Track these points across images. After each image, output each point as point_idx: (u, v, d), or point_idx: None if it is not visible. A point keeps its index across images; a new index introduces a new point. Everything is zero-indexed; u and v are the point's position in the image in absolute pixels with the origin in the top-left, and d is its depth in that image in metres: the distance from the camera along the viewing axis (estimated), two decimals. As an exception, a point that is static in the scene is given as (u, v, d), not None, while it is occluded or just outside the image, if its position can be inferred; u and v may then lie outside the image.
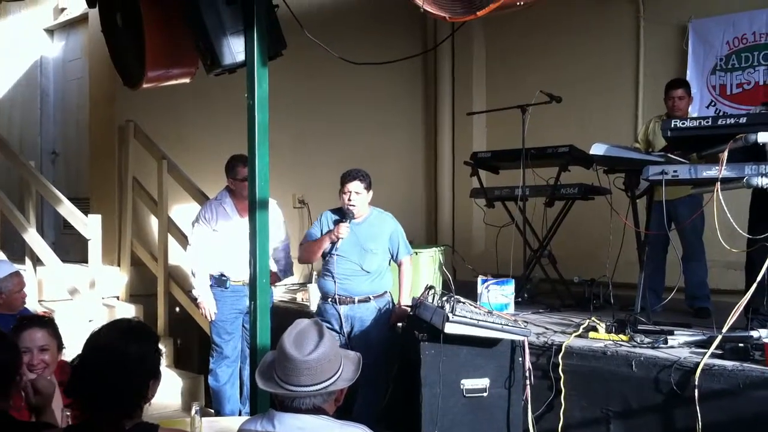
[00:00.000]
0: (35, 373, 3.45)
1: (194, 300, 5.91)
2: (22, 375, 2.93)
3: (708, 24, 7.68)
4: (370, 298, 5.32)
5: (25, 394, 3.10)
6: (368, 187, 5.32)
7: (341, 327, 5.26)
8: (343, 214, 5.31)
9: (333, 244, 5.26)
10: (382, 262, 5.39)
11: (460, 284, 5.64)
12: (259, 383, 2.63)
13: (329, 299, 5.34)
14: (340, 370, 2.61)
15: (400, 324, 5.40)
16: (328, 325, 5.10)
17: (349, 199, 5.25)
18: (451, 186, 9.81)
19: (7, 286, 4.79)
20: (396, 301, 5.48)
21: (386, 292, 5.44)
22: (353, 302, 5.29)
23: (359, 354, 2.77)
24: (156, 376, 2.50)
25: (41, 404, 3.12)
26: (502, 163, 7.16)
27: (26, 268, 6.89)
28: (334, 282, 5.27)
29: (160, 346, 2.63)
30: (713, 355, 4.21)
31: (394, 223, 5.48)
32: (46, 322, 3.75)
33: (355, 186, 5.25)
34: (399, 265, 5.49)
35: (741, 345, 4.23)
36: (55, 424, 3.07)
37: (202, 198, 6.69)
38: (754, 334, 4.40)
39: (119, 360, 2.38)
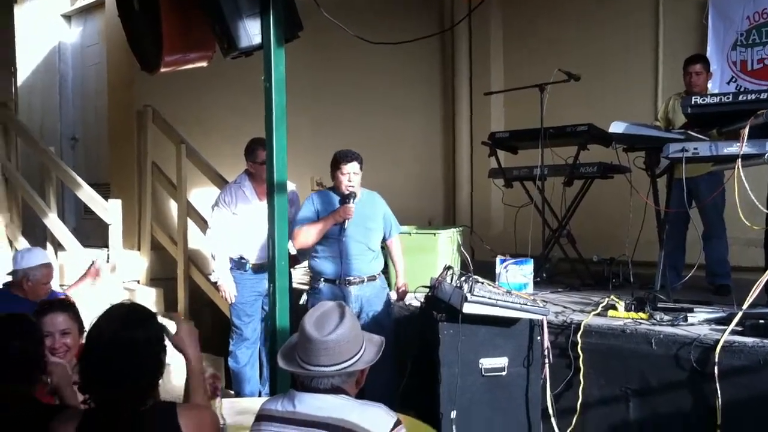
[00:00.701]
0: (57, 357, 3.50)
1: (214, 283, 5.96)
2: (46, 362, 2.98)
3: (728, -1, 7.59)
4: (376, 277, 5.35)
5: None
6: (362, 168, 5.32)
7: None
8: (342, 196, 5.24)
9: (340, 225, 5.19)
10: (379, 241, 5.45)
11: (479, 264, 5.65)
12: (280, 363, 2.65)
13: (336, 281, 5.25)
14: (360, 352, 2.62)
15: (410, 303, 5.45)
16: None
17: (350, 180, 5.22)
18: (470, 166, 9.79)
19: (36, 274, 4.85)
20: (394, 281, 5.56)
21: (382, 270, 5.49)
22: (362, 282, 5.28)
23: (383, 338, 2.78)
24: (165, 349, 2.53)
25: (59, 386, 3.16)
26: (520, 143, 7.13)
27: (48, 253, 6.96)
28: (341, 263, 5.21)
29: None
30: (733, 332, 4.19)
31: (383, 201, 5.51)
32: (68, 306, 3.80)
33: (354, 167, 5.21)
34: (390, 245, 5.53)
35: (761, 321, 4.20)
36: (78, 405, 3.11)
37: (221, 182, 6.71)
38: (775, 310, 4.38)
39: (129, 348, 2.41)
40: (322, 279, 5.31)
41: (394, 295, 5.53)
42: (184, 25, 4.68)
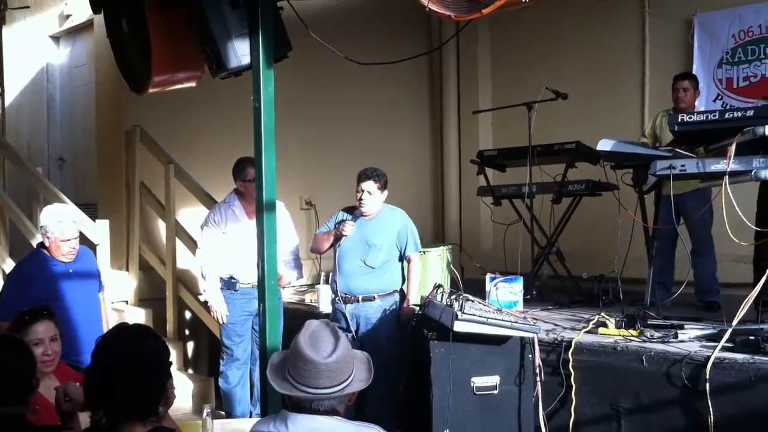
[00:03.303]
0: (48, 364, 3.57)
1: (204, 303, 5.92)
2: (38, 381, 2.96)
3: (714, 17, 7.65)
4: (374, 297, 5.32)
5: (56, 400, 3.14)
6: (382, 187, 5.34)
7: (348, 325, 5.30)
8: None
9: (337, 239, 5.35)
10: (388, 258, 5.39)
11: (469, 282, 5.65)
12: (274, 386, 2.61)
13: (336, 298, 5.41)
14: (353, 372, 2.61)
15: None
16: (338, 324, 5.10)
17: (361, 198, 5.29)
18: (458, 184, 9.81)
19: (53, 230, 4.81)
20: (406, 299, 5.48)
21: (395, 291, 5.43)
22: (357, 301, 5.32)
23: (367, 354, 2.76)
24: (170, 374, 2.50)
25: (71, 410, 3.14)
26: (508, 161, 7.16)
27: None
28: (340, 280, 5.35)
29: (170, 348, 2.63)
30: (724, 349, 4.21)
31: (405, 219, 5.47)
32: (52, 314, 3.80)
33: (368, 186, 5.29)
34: (408, 263, 5.49)
35: (751, 338, 4.21)
36: (79, 430, 3.09)
37: (209, 201, 6.70)
38: (765, 326, 4.40)
39: (136, 359, 2.38)
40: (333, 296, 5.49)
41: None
42: (172, 46, 4.69)
